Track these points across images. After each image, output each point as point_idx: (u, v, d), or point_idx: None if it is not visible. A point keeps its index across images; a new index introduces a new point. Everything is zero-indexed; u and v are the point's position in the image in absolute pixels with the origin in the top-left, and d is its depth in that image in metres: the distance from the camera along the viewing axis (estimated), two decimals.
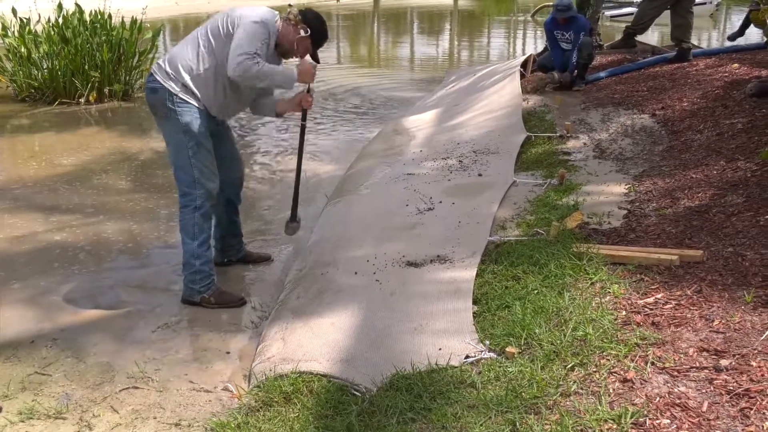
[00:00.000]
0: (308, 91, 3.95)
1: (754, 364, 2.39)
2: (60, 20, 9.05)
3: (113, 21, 9.35)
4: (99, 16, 9.26)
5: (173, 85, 3.68)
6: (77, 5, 9.37)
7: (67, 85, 8.88)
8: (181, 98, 3.67)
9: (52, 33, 8.89)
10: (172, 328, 3.64)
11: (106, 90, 9.06)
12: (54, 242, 4.72)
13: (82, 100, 8.89)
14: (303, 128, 4.12)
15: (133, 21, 9.45)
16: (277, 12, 3.79)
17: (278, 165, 6.57)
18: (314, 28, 3.79)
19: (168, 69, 3.70)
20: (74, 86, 8.86)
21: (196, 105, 3.71)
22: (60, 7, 9.29)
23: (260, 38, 3.60)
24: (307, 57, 3.88)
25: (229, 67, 3.55)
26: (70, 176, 6.11)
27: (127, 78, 9.37)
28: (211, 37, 3.69)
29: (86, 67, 8.86)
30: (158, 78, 3.70)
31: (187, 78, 3.68)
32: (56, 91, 8.90)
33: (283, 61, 3.90)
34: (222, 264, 4.32)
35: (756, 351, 2.46)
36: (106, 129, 7.93)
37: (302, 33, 3.77)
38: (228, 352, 3.42)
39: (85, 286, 4.13)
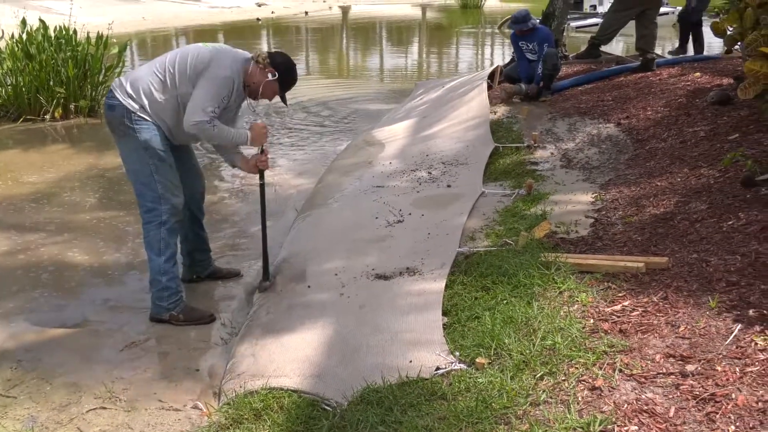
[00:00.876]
0: (262, 152, 3.99)
1: (719, 368, 2.42)
2: (24, 36, 8.94)
3: (78, 36, 9.26)
4: (64, 32, 9.17)
5: (132, 103, 3.65)
6: (41, 21, 9.27)
7: (32, 102, 8.76)
8: (139, 116, 3.65)
9: (16, 49, 8.77)
10: (140, 347, 3.61)
11: (71, 106, 8.94)
12: (19, 261, 4.65)
13: (47, 116, 8.77)
14: (262, 187, 4.12)
15: (99, 36, 9.36)
16: (249, 54, 3.82)
17: (246, 179, 6.54)
18: (282, 72, 3.82)
19: (128, 89, 3.68)
20: (39, 103, 8.74)
21: (154, 123, 3.69)
22: (24, 23, 9.17)
23: (222, 95, 3.65)
24: (257, 121, 3.97)
25: (185, 121, 3.61)
26: (35, 194, 6.02)
27: (94, 94, 9.26)
28: (177, 71, 3.67)
29: (51, 83, 8.74)
30: (117, 95, 3.68)
31: (146, 102, 3.66)
32: (21, 108, 8.77)
33: (251, 101, 3.95)
34: (191, 281, 4.29)
35: (721, 356, 2.50)
36: (72, 146, 7.84)
37: (270, 77, 3.80)
38: (197, 370, 3.39)
39: (51, 306, 4.08)
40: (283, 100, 3.98)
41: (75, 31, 9.22)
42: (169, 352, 3.57)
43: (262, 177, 4.09)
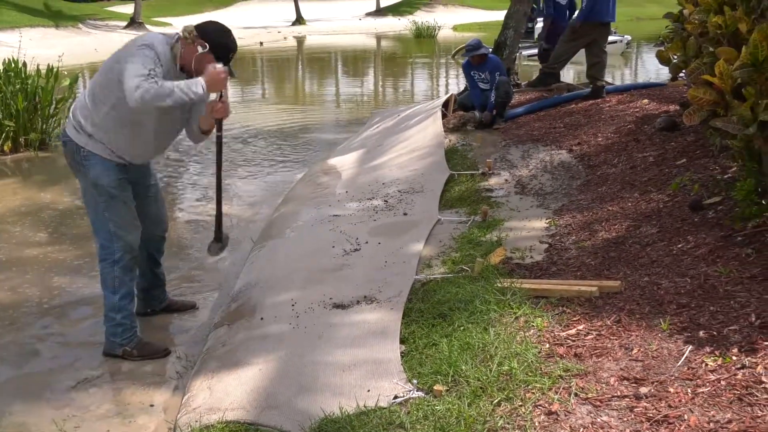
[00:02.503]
0: (220, 98, 3.63)
1: (671, 390, 2.46)
2: None
3: (28, 69, 9.14)
4: (13, 65, 9.04)
5: (80, 137, 3.58)
6: None
7: None
8: (88, 151, 3.57)
9: None
10: (92, 383, 3.53)
11: (21, 139, 8.80)
12: None
13: None
14: (219, 139, 3.78)
15: (50, 69, 9.25)
16: (176, 33, 3.61)
17: (203, 210, 6.49)
18: (213, 41, 3.55)
19: (74, 123, 3.61)
20: None
21: (106, 156, 3.59)
22: None
23: (150, 60, 3.36)
24: (216, 64, 3.52)
25: (127, 96, 3.30)
26: None
27: (44, 127, 9.12)
28: (101, 79, 3.54)
29: (0, 116, 8.60)
30: (68, 131, 3.63)
31: (89, 128, 3.56)
32: None
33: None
34: (145, 314, 4.22)
35: (673, 377, 2.54)
36: (22, 180, 7.70)
37: (200, 49, 3.53)
38: (152, 405, 3.33)
39: (0, 343, 3.97)
40: (229, 71, 3.58)
41: (24, 64, 9.11)
42: (122, 387, 3.50)
43: (219, 128, 3.75)
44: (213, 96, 3.66)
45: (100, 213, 3.65)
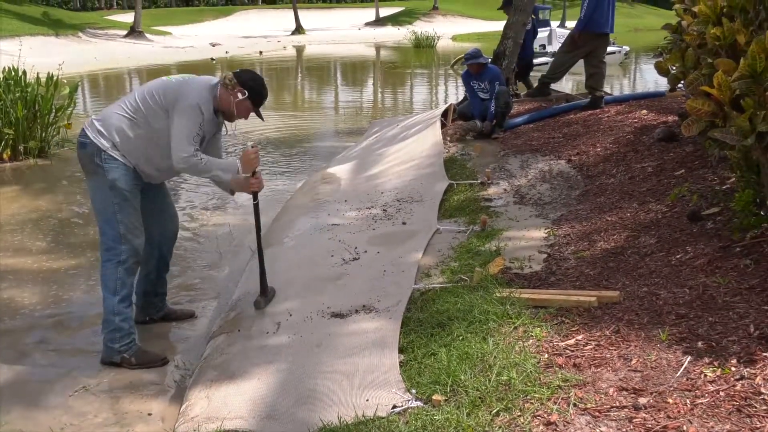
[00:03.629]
0: (254, 174, 3.96)
1: (670, 401, 2.45)
2: None
3: (28, 77, 9.16)
4: (13, 73, 9.06)
5: (103, 141, 3.68)
6: None
7: None
8: (109, 155, 3.68)
9: None
10: (90, 391, 3.52)
11: (21, 147, 8.81)
12: None
13: None
14: (256, 207, 4.12)
15: (49, 77, 9.27)
16: (215, 79, 3.88)
17: (203, 220, 6.49)
18: (251, 89, 3.87)
19: (99, 127, 3.71)
20: None
21: (125, 162, 3.72)
22: None
23: (197, 124, 3.69)
24: (249, 147, 3.92)
25: (174, 159, 3.66)
26: None
27: (44, 135, 9.14)
28: (143, 107, 3.72)
29: (0, 124, 8.61)
30: (89, 133, 3.70)
31: (117, 138, 3.69)
32: None
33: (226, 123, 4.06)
34: (143, 322, 4.21)
35: (672, 388, 2.54)
36: (22, 188, 7.70)
37: (240, 96, 3.84)
38: (150, 414, 3.32)
39: None
40: (259, 115, 4.00)
41: (24, 72, 9.13)
42: (120, 396, 3.49)
43: (255, 198, 4.07)
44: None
45: (111, 214, 3.71)
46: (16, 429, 3.16)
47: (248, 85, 3.86)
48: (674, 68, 5.01)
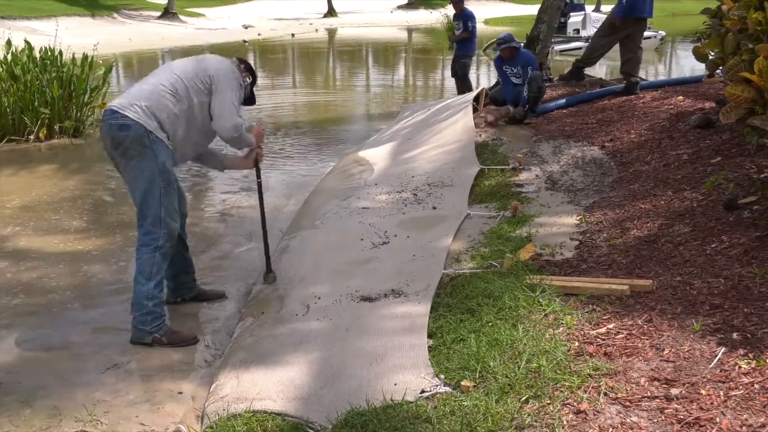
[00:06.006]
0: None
1: (703, 392, 2.42)
2: (9, 57, 8.92)
3: (64, 57, 9.26)
4: (49, 53, 9.17)
5: (149, 121, 3.62)
6: (27, 42, 9.26)
7: (17, 123, 8.72)
8: (156, 136, 3.64)
9: (1, 70, 8.75)
10: (122, 369, 3.56)
11: (56, 127, 8.92)
12: (0, 283, 4.60)
13: (31, 137, 8.73)
14: (260, 185, 4.36)
15: (84, 57, 9.37)
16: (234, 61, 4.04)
17: (233, 202, 6.52)
18: (254, 74, 4.16)
19: (141, 105, 3.63)
20: (24, 123, 8.70)
21: (167, 145, 3.72)
22: (9, 44, 9.17)
23: (239, 97, 3.91)
24: (257, 124, 4.28)
25: (223, 128, 3.81)
26: (18, 215, 5.97)
27: (78, 114, 9.25)
28: (186, 81, 3.77)
29: (36, 104, 8.72)
30: (129, 114, 3.59)
31: (164, 116, 3.67)
32: (5, 129, 8.72)
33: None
34: (175, 302, 4.25)
35: (705, 379, 2.50)
36: (57, 167, 7.80)
37: (248, 80, 4.07)
38: (180, 392, 3.35)
39: (33, 328, 4.02)
40: (253, 99, 4.22)
41: (60, 52, 9.23)
42: (151, 374, 3.53)
43: (258, 175, 4.33)
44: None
45: (156, 198, 3.68)
46: (51, 404, 3.21)
47: (252, 71, 4.12)
48: (713, 54, 4.91)
